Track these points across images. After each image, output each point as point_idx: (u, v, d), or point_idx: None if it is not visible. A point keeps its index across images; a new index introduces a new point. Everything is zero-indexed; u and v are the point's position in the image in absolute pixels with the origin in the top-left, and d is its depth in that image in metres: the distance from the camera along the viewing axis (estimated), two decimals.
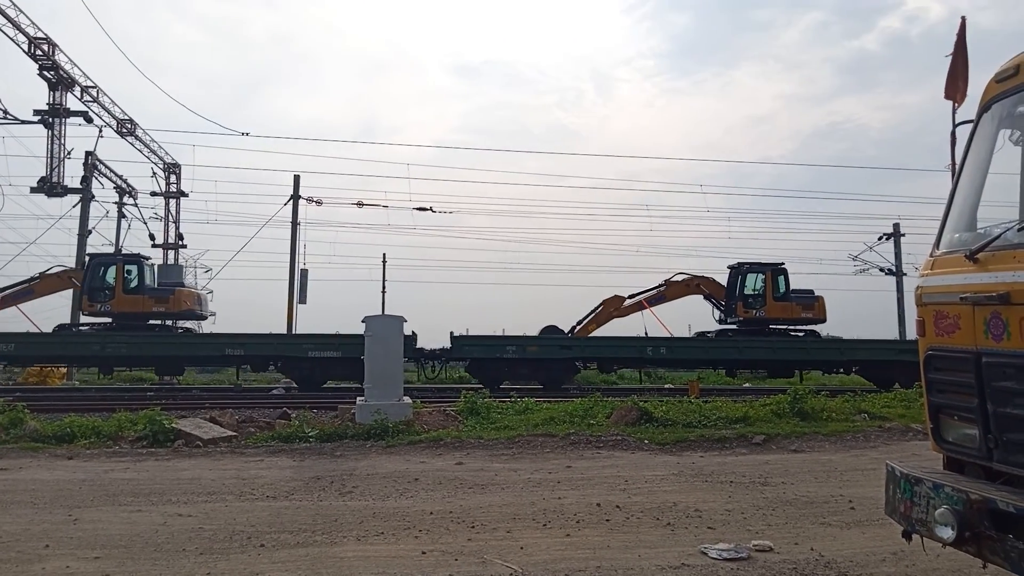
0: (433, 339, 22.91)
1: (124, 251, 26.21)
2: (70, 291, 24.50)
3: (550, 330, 24.56)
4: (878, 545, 5.04)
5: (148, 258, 23.97)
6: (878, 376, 22.25)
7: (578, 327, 24.92)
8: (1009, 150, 3.56)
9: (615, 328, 25.43)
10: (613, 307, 25.01)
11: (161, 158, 33.96)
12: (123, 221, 32.30)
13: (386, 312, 23.42)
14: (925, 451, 4.20)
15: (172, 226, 35.02)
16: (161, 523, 5.77)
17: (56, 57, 25.93)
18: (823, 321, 24.55)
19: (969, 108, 3.90)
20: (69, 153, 27.74)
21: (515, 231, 77.37)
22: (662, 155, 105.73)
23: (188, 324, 24.10)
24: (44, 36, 25.43)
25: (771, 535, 5.36)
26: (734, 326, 24.87)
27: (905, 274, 36.32)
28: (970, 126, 3.74)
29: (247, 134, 31.62)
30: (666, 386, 23.57)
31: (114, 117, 29.88)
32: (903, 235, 37.22)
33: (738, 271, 24.94)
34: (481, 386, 19.49)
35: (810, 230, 64.01)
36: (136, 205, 33.12)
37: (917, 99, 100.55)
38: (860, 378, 23.89)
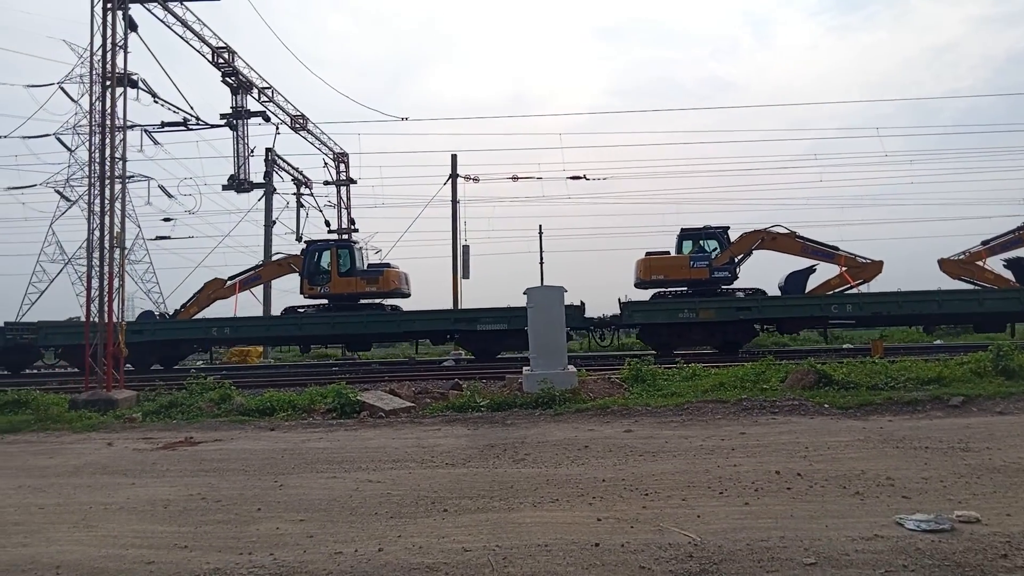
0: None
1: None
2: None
3: (145, 315, 25.69)
4: None
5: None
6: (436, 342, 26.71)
7: (182, 309, 25.03)
8: None
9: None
10: (212, 289, 25.06)
11: (331, 148, 36.13)
12: (302, 211, 34.98)
13: (545, 283, 23.74)
14: None
15: (344, 212, 37.35)
16: (354, 488, 6.24)
17: (235, 63, 28.20)
18: (398, 294, 24.47)
19: None
20: (252, 151, 30.34)
21: (672, 192, 75.50)
22: (831, 99, 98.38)
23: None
24: (224, 45, 27.62)
25: (976, 505, 4.90)
26: (325, 301, 24.39)
27: None
28: None
29: (406, 119, 33.00)
30: (844, 346, 22.24)
31: (287, 114, 32.12)
32: None
33: (307, 249, 24.79)
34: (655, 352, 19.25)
35: (1007, 167, 56.55)
36: (312, 195, 35.65)
37: None
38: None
